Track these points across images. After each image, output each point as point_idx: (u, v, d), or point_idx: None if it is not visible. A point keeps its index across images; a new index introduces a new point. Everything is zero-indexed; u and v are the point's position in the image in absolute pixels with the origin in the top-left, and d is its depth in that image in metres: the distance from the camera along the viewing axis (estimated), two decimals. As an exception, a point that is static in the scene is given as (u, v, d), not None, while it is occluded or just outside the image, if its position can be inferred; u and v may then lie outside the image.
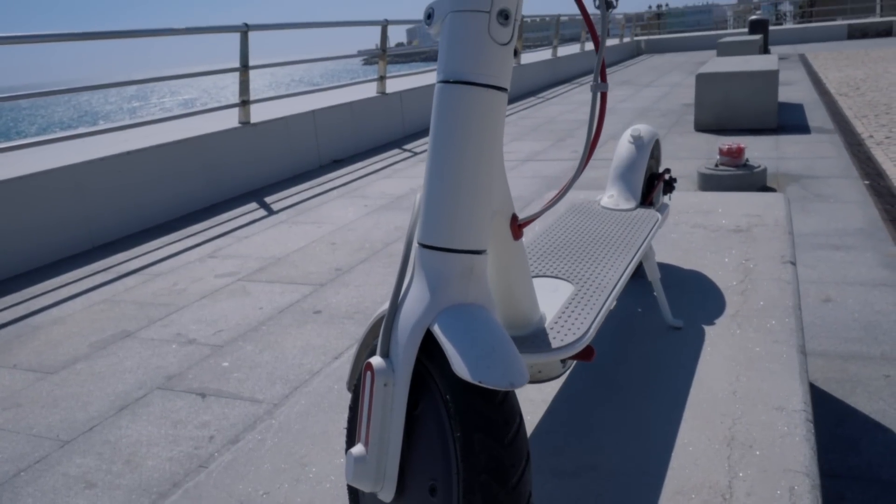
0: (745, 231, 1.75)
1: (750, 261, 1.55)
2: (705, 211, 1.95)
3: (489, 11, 0.78)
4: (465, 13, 0.78)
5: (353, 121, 6.53)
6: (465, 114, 0.78)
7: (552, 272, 1.12)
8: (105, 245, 4.21)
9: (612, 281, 1.07)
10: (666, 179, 1.57)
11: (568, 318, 0.98)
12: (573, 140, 6.48)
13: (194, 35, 5.32)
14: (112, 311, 3.15)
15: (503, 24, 0.78)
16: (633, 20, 23.39)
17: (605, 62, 0.88)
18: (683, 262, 1.59)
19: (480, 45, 0.78)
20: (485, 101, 0.79)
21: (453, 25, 0.79)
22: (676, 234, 1.78)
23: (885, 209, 3.77)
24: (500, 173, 0.86)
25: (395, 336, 0.79)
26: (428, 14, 0.81)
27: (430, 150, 0.82)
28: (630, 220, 1.35)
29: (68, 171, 4.07)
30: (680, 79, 11.60)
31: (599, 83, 0.87)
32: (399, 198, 4.76)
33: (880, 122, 6.22)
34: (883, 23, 18.60)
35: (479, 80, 0.78)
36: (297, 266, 3.54)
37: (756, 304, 1.34)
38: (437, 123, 0.81)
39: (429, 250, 0.80)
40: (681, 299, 1.40)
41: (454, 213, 0.79)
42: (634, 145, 1.47)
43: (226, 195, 5.11)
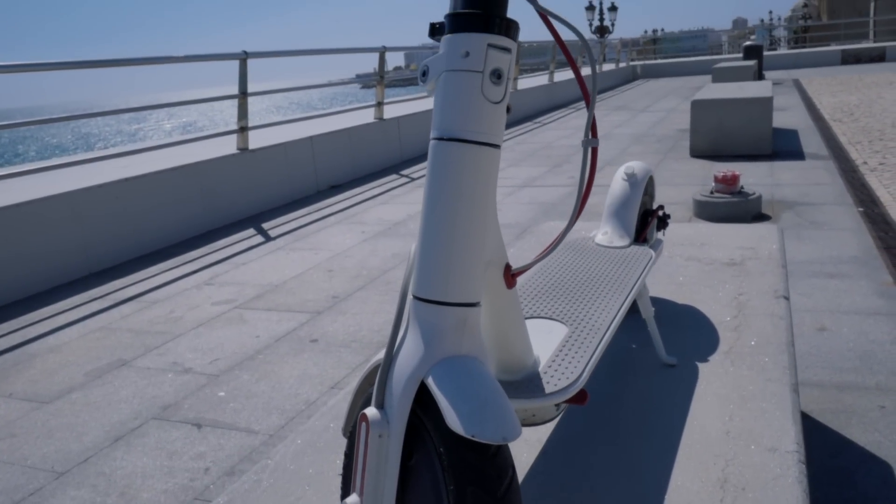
0: (738, 264, 1.76)
1: (743, 295, 1.56)
2: (699, 243, 1.96)
3: (482, 71, 0.80)
4: (459, 73, 0.80)
5: (350, 146, 6.56)
6: (458, 170, 0.80)
7: (546, 313, 1.14)
8: (102, 272, 4.21)
9: (606, 322, 1.08)
10: (660, 216, 1.58)
11: (562, 361, 0.98)
12: (570, 166, 6.52)
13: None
14: (108, 339, 3.15)
15: (496, 83, 0.80)
16: (629, 45, 23.61)
17: (595, 120, 0.89)
18: (677, 296, 1.60)
19: (474, 103, 0.80)
20: (478, 157, 0.81)
21: (447, 84, 0.81)
22: (671, 267, 1.79)
23: (879, 237, 3.79)
24: (493, 225, 0.87)
25: (390, 387, 0.80)
26: (423, 71, 0.83)
27: (424, 205, 0.84)
28: (624, 257, 1.36)
29: (66, 197, 4.08)
30: (675, 104, 11.69)
31: (590, 139, 0.89)
32: (396, 224, 4.78)
33: (874, 149, 6.27)
34: (876, 48, 18.79)
35: (472, 138, 0.80)
36: (294, 293, 3.54)
37: (749, 341, 1.35)
38: (431, 179, 0.82)
39: (423, 303, 0.82)
40: (675, 335, 1.41)
41: (448, 267, 0.81)
42: (628, 182, 1.49)
43: (223, 221, 5.12)
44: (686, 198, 4.82)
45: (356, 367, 2.65)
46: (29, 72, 3.89)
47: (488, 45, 0.80)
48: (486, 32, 0.79)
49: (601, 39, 24.27)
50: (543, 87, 12.05)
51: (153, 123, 67.05)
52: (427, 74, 0.83)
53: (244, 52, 5.31)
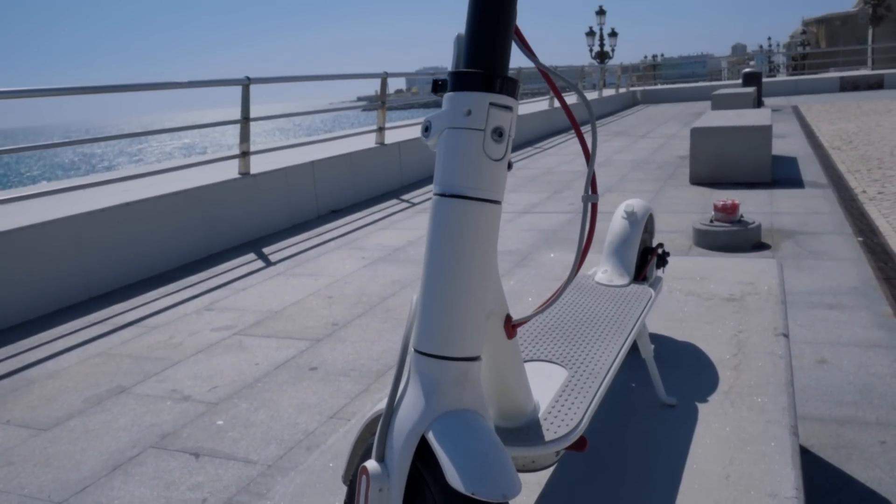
0: (738, 300, 1.77)
1: (743, 332, 1.56)
2: (699, 277, 1.97)
3: (484, 129, 0.81)
4: (462, 130, 0.81)
5: (351, 171, 6.59)
6: (459, 226, 0.81)
7: (546, 356, 1.14)
8: (102, 296, 4.22)
9: (605, 366, 1.08)
10: (659, 254, 1.59)
11: (562, 407, 0.99)
12: (570, 192, 6.54)
13: (199, 76, 5.40)
14: (107, 364, 3.14)
15: (497, 140, 0.82)
16: (630, 70, 23.79)
17: (595, 176, 0.90)
18: (677, 332, 1.61)
19: (475, 161, 0.81)
20: (479, 214, 0.82)
21: (450, 141, 0.82)
22: (670, 302, 1.80)
23: (879, 267, 3.80)
24: (494, 278, 0.88)
25: (391, 441, 0.81)
26: (426, 127, 0.85)
27: (426, 260, 0.85)
28: (624, 296, 1.37)
29: (67, 222, 4.09)
30: (675, 130, 11.75)
31: (590, 195, 0.90)
32: (396, 250, 4.79)
33: (873, 177, 6.29)
34: (874, 76, 18.92)
35: (474, 195, 0.81)
36: (293, 320, 3.54)
37: (749, 381, 1.35)
38: (433, 235, 0.83)
39: (425, 357, 0.83)
40: (674, 374, 1.42)
41: (449, 321, 0.81)
42: (628, 221, 1.50)
43: (224, 245, 5.13)
44: (686, 226, 4.84)
45: (355, 397, 2.64)
46: (32, 97, 3.92)
47: (490, 103, 0.81)
48: (488, 91, 0.81)
49: (601, 65, 24.45)
50: (543, 113, 12.12)
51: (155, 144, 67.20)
52: (430, 130, 0.84)
53: (247, 77, 5.35)
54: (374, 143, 7.16)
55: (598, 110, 16.06)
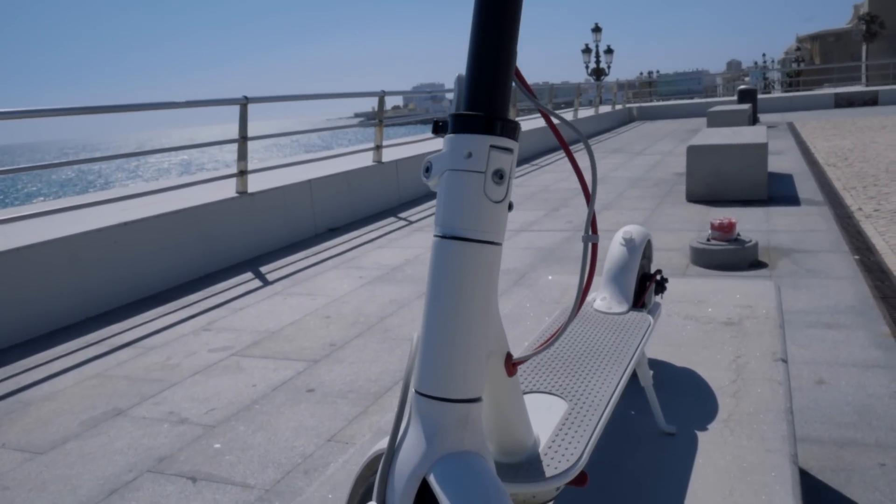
0: (736, 324, 1.77)
1: (742, 357, 1.56)
2: (697, 300, 1.97)
3: (484, 172, 0.81)
4: (462, 172, 0.82)
5: (349, 190, 6.60)
6: (460, 269, 0.81)
7: (546, 387, 1.14)
8: (99, 316, 4.20)
9: (605, 398, 1.08)
10: (658, 280, 1.59)
11: (562, 441, 0.99)
12: (567, 210, 6.55)
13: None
14: (104, 386, 3.13)
15: (498, 183, 0.82)
16: (626, 87, 23.91)
17: (595, 216, 0.91)
18: (676, 358, 1.61)
19: (476, 203, 0.81)
20: (479, 256, 0.82)
21: (450, 183, 0.82)
22: (669, 326, 1.80)
23: (876, 286, 3.80)
24: (495, 318, 0.88)
25: (392, 482, 0.81)
26: (426, 167, 0.85)
27: (427, 300, 0.85)
28: (623, 324, 1.37)
29: (64, 242, 4.09)
30: (671, 147, 11.80)
31: (590, 235, 0.90)
32: (394, 269, 4.79)
33: (868, 195, 6.32)
34: (869, 92, 19.04)
35: (474, 237, 0.82)
36: (291, 340, 3.53)
37: (748, 408, 1.35)
38: (433, 276, 0.83)
39: (425, 398, 0.82)
40: (673, 401, 1.41)
41: (450, 363, 0.81)
42: (626, 248, 1.50)
43: (221, 265, 5.13)
44: (683, 244, 4.85)
45: (353, 419, 2.63)
46: (31, 118, 3.93)
47: (491, 146, 0.81)
48: (489, 134, 0.81)
49: (598, 82, 24.58)
50: (541, 130, 12.16)
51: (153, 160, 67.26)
52: (430, 171, 0.85)
53: (245, 97, 5.37)
54: (372, 162, 7.18)
55: (595, 127, 16.12)
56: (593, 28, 27.37)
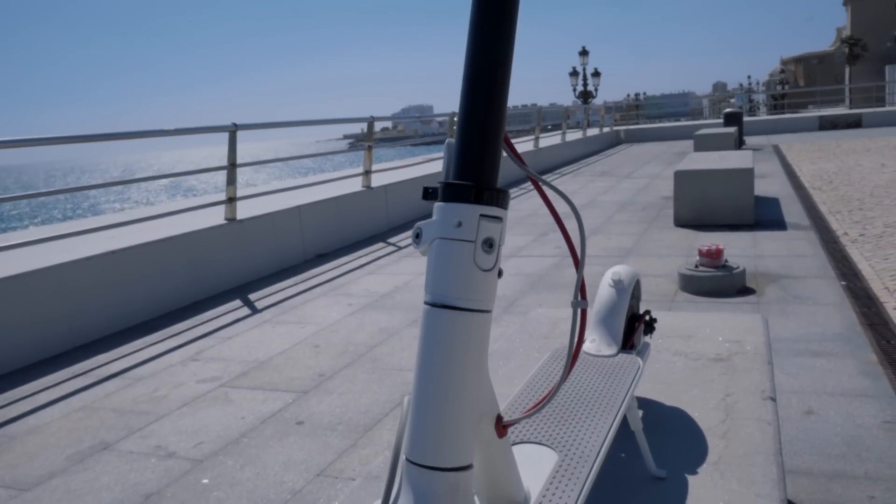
0: (725, 360, 1.78)
1: (731, 396, 1.57)
2: (686, 335, 1.98)
3: (474, 241, 0.82)
4: (452, 241, 0.82)
5: (338, 215, 6.61)
6: (450, 338, 0.82)
7: (535, 437, 1.14)
8: (86, 345, 4.17)
9: (596, 448, 1.08)
10: (647, 321, 1.60)
11: (552, 496, 0.98)
12: (555, 235, 6.57)
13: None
14: (91, 419, 3.10)
15: (487, 251, 0.83)
16: (613, 109, 24.12)
17: (584, 282, 0.91)
18: (665, 396, 1.61)
19: (465, 272, 0.82)
20: (470, 324, 0.82)
21: (440, 252, 0.83)
22: (658, 363, 1.80)
23: (863, 312, 3.83)
24: (485, 383, 0.89)
25: None
26: (416, 233, 0.86)
27: (418, 367, 0.85)
28: (612, 368, 1.37)
29: (52, 271, 4.07)
30: (659, 170, 11.88)
31: (579, 300, 0.91)
32: (383, 296, 4.78)
33: (854, 219, 6.37)
34: (852, 115, 19.28)
35: (464, 305, 0.82)
36: (279, 371, 3.52)
37: (738, 450, 1.36)
38: (424, 344, 0.84)
39: (416, 467, 0.82)
40: (663, 443, 1.42)
41: (441, 432, 0.82)
42: (615, 289, 1.51)
43: (210, 292, 5.11)
44: (671, 269, 4.87)
45: (342, 453, 2.62)
46: (20, 147, 3.92)
47: (480, 215, 0.82)
48: (479, 203, 0.82)
49: (585, 105, 24.78)
50: (528, 154, 12.23)
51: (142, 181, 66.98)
52: (421, 237, 0.85)
53: (234, 124, 5.38)
54: (361, 187, 7.19)
55: (583, 150, 16.23)
56: (580, 51, 27.62)
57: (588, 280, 4.77)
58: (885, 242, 5.41)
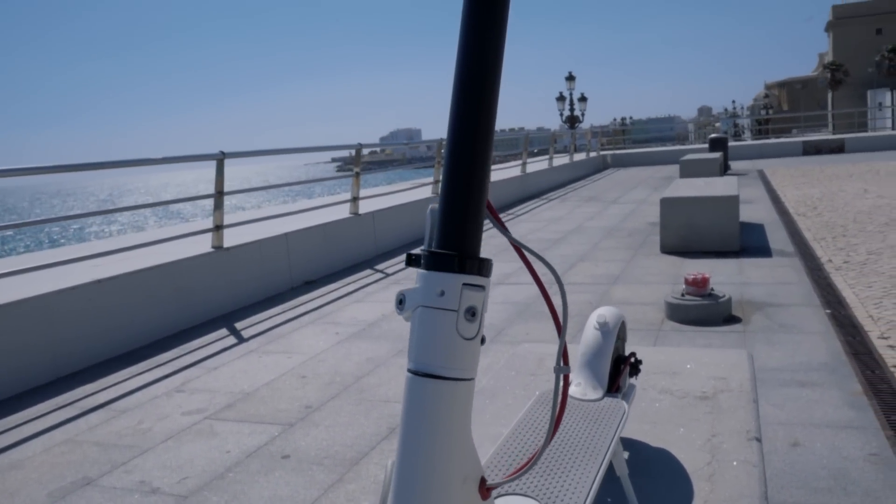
0: (710, 398, 1.78)
1: (716, 437, 1.57)
2: (672, 371, 1.98)
3: (457, 310, 0.83)
4: (435, 310, 0.83)
5: (325, 242, 6.60)
6: (433, 407, 0.82)
7: (521, 488, 1.13)
8: (70, 375, 4.13)
9: (581, 499, 1.08)
10: (632, 363, 1.61)
11: (537, 552, 0.98)
12: (543, 261, 6.58)
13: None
14: (73, 453, 3.06)
15: (470, 320, 0.83)
16: (600, 133, 24.31)
17: (566, 347, 0.92)
18: (651, 437, 1.61)
19: (448, 342, 0.82)
20: (452, 393, 0.83)
21: (423, 320, 0.83)
22: (644, 401, 1.81)
23: (847, 341, 3.85)
24: (468, 447, 0.89)
25: None
26: (400, 300, 0.86)
27: (401, 435, 0.85)
28: (597, 413, 1.37)
29: (37, 301, 4.04)
30: (645, 195, 11.96)
31: (562, 366, 0.91)
32: (371, 325, 4.77)
33: (838, 246, 6.43)
34: (836, 140, 19.52)
35: (446, 374, 0.83)
36: (266, 402, 3.49)
37: (723, 493, 1.36)
38: (407, 412, 0.84)
39: None
40: (649, 486, 1.41)
41: (425, 499, 0.81)
42: (600, 332, 1.51)
43: (196, 320, 5.08)
44: (658, 297, 4.89)
45: (329, 488, 2.60)
46: (8, 177, 3.91)
47: (463, 284, 0.83)
48: (462, 273, 0.83)
49: (572, 130, 24.97)
50: (516, 179, 12.29)
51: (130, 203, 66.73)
52: (404, 303, 0.86)
53: (221, 152, 5.38)
54: (349, 213, 7.19)
55: (570, 175, 16.33)
56: (567, 77, 27.88)
57: (575, 309, 4.78)
58: (868, 270, 5.45)
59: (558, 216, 10.00)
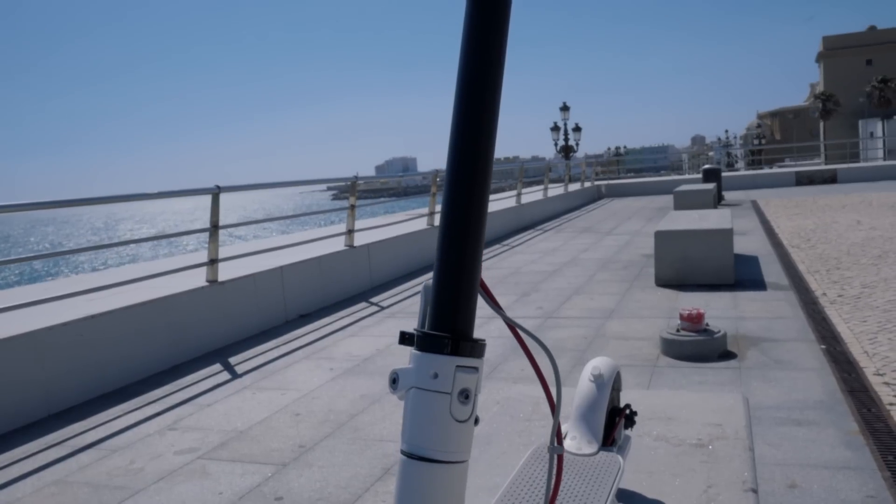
0: (706, 446, 1.77)
1: (712, 487, 1.56)
2: (666, 417, 1.98)
3: (450, 393, 0.83)
4: (428, 392, 0.83)
5: (320, 275, 6.60)
6: (426, 490, 0.82)
7: None
8: (62, 412, 4.10)
9: None
10: (627, 414, 1.60)
11: None
12: (538, 295, 6.59)
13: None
14: (63, 495, 3.03)
15: (463, 402, 0.83)
16: (594, 163, 24.47)
17: (560, 426, 0.92)
18: (647, 488, 1.60)
19: (442, 424, 0.82)
20: (445, 476, 0.82)
21: (416, 402, 0.83)
22: (639, 450, 1.80)
23: (843, 378, 3.85)
24: None
25: None
26: (393, 379, 0.86)
27: None
28: (592, 468, 1.37)
29: (29, 337, 4.02)
30: (639, 226, 12.00)
31: (555, 446, 0.91)
32: (365, 360, 4.75)
33: (832, 279, 6.44)
34: (828, 170, 19.67)
35: (440, 458, 0.82)
36: (259, 441, 3.46)
37: (720, 550, 1.34)
38: (401, 495, 0.84)
39: None
40: (645, 542, 1.40)
41: None
42: (595, 384, 1.51)
43: (190, 355, 5.05)
44: (653, 332, 4.88)
45: (322, 532, 2.57)
46: (7, 213, 3.90)
47: (457, 366, 0.83)
48: (455, 355, 0.83)
49: (567, 160, 25.13)
50: (511, 210, 12.32)
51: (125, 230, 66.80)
52: (397, 383, 0.86)
53: (217, 186, 5.40)
54: (344, 246, 7.20)
55: (564, 205, 16.39)
56: (561, 107, 28.10)
57: (570, 344, 4.77)
58: (862, 304, 5.46)
59: (553, 247, 10.02)
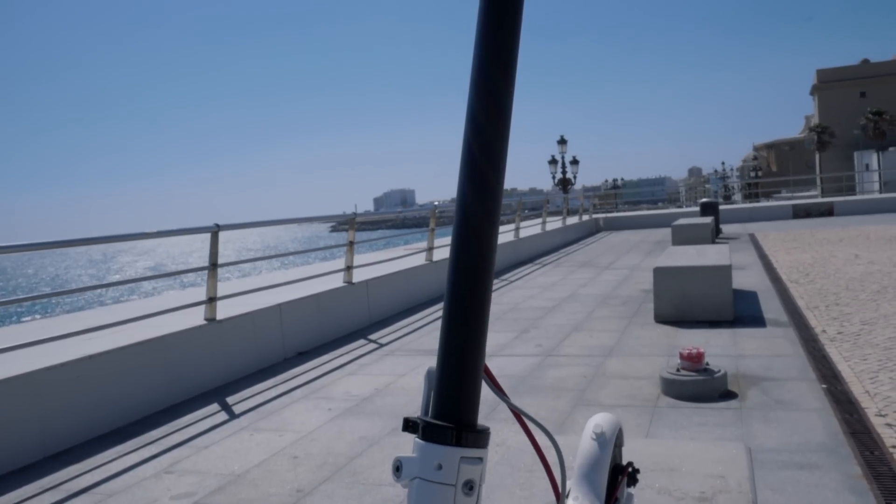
0: (709, 499, 1.75)
1: (716, 545, 1.54)
2: (669, 468, 1.96)
3: (454, 485, 0.82)
4: (432, 484, 0.82)
5: (319, 312, 6.58)
6: None
7: None
8: (58, 454, 4.05)
9: None
10: (629, 472, 1.59)
11: None
12: (537, 332, 6.57)
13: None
14: (58, 542, 2.99)
15: (468, 493, 0.83)
16: (592, 196, 24.58)
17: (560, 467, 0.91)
18: (650, 545, 1.58)
19: None
20: None
21: (420, 492, 0.83)
22: (643, 503, 1.78)
23: (845, 419, 3.82)
24: None
25: None
26: (397, 467, 0.85)
27: None
28: None
29: (25, 379, 3.99)
30: (638, 260, 12.01)
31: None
32: (364, 400, 4.72)
33: (831, 315, 6.43)
34: (825, 203, 19.76)
35: None
36: (256, 485, 3.42)
37: None
38: None
39: None
40: None
41: None
42: (597, 442, 1.50)
43: (187, 395, 5.01)
44: (653, 371, 4.85)
45: (320, 582, 2.53)
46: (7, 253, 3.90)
47: (461, 458, 0.83)
48: (459, 446, 0.82)
49: (565, 194, 25.25)
50: (509, 244, 12.34)
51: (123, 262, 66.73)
52: (400, 471, 0.85)
53: (216, 224, 5.40)
54: (342, 282, 7.19)
55: (563, 238, 16.42)
56: (559, 140, 28.28)
57: (570, 383, 4.74)
58: (862, 341, 5.45)
59: (552, 282, 10.02)
